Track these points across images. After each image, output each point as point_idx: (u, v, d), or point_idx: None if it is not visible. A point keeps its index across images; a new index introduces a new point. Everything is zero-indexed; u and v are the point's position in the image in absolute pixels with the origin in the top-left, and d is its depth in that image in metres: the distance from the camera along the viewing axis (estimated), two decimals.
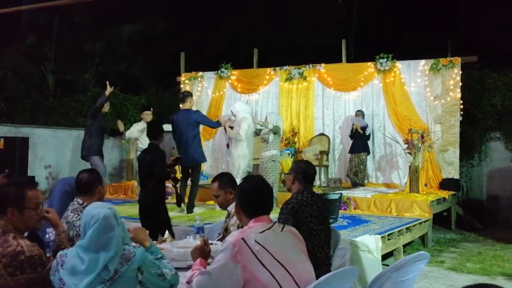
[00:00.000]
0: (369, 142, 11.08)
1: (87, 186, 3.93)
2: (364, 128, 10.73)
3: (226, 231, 4.16)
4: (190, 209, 8.40)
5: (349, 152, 11.04)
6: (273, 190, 5.87)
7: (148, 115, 9.93)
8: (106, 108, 9.54)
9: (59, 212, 3.78)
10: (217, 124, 9.39)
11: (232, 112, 9.47)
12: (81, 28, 17.63)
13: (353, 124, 10.86)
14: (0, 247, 2.76)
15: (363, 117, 10.89)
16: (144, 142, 9.85)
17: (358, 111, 11.01)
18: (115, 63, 18.08)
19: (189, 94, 8.89)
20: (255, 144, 10.76)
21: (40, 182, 11.61)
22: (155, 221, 5.65)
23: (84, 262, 2.62)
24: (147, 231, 3.20)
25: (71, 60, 17.45)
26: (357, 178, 10.78)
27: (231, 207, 4.09)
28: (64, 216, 3.79)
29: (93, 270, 2.59)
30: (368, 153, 10.94)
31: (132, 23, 18.32)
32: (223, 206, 4.36)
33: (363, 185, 10.79)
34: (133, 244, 3.01)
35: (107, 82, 9.25)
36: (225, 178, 4.36)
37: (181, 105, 8.95)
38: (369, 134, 10.91)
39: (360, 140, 10.79)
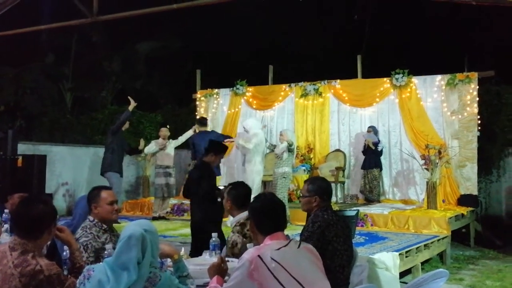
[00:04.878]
0: (383, 158, 10.98)
1: None
2: (376, 144, 10.68)
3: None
4: None
5: (361, 168, 10.99)
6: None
7: (165, 132, 10.08)
8: (126, 125, 9.61)
9: None
10: (225, 137, 9.90)
11: (244, 128, 9.68)
12: (98, 47, 17.90)
13: (365, 140, 10.83)
14: (19, 267, 2.77)
15: (375, 133, 10.84)
16: (162, 159, 9.93)
17: (370, 127, 10.98)
18: (132, 81, 18.27)
19: (204, 121, 10.36)
20: (270, 160, 10.77)
21: (57, 199, 11.71)
22: (202, 240, 4.98)
23: (109, 280, 2.59)
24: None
25: (88, 78, 17.69)
26: (371, 194, 10.71)
27: (231, 220, 4.13)
28: (75, 233, 3.75)
29: None
30: (381, 169, 10.86)
31: (148, 42, 18.55)
32: (225, 208, 4.47)
33: (378, 201, 10.70)
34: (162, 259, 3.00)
35: (130, 98, 9.32)
36: (235, 191, 4.38)
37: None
38: (381, 150, 10.83)
39: (372, 156, 10.73)
